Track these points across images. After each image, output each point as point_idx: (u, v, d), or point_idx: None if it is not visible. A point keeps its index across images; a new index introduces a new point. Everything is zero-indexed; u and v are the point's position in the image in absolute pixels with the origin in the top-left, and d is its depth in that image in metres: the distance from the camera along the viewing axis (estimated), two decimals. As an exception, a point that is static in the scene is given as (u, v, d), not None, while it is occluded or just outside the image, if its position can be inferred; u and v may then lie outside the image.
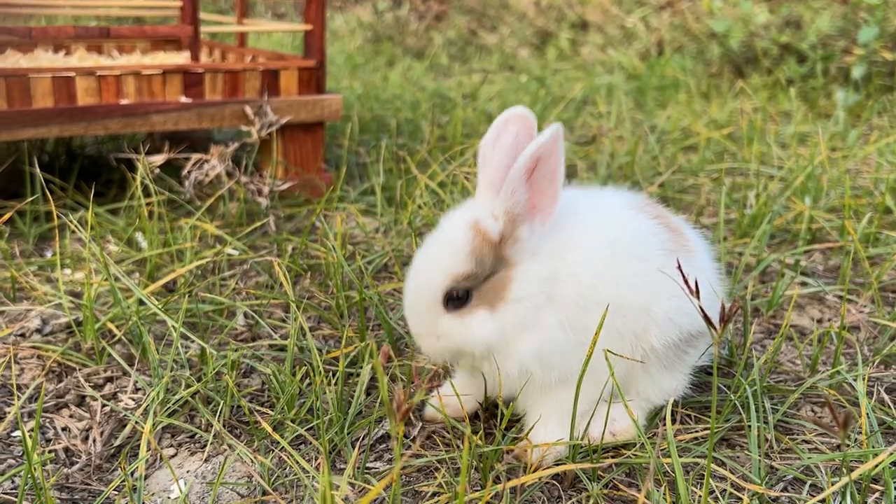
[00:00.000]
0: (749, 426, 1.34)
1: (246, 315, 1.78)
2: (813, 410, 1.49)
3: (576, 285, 1.24)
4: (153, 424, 1.35)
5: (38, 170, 2.11)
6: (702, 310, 1.04)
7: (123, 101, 2.29)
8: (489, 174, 1.26)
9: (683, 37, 5.33)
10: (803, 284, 2.01)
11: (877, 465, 1.22)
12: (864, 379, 1.39)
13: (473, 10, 6.62)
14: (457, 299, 1.22)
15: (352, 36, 6.41)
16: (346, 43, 6.15)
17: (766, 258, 2.05)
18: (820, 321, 1.86)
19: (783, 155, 2.97)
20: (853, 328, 1.81)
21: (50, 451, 1.31)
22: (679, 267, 1.12)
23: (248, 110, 2.43)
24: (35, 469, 1.14)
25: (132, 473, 1.27)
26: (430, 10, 6.67)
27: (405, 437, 1.38)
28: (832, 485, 1.18)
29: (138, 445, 1.35)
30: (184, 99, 2.37)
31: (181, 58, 2.83)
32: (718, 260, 1.53)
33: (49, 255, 2.10)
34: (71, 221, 1.70)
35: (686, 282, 1.08)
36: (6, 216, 1.65)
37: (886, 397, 1.52)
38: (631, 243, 1.30)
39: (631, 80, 4.64)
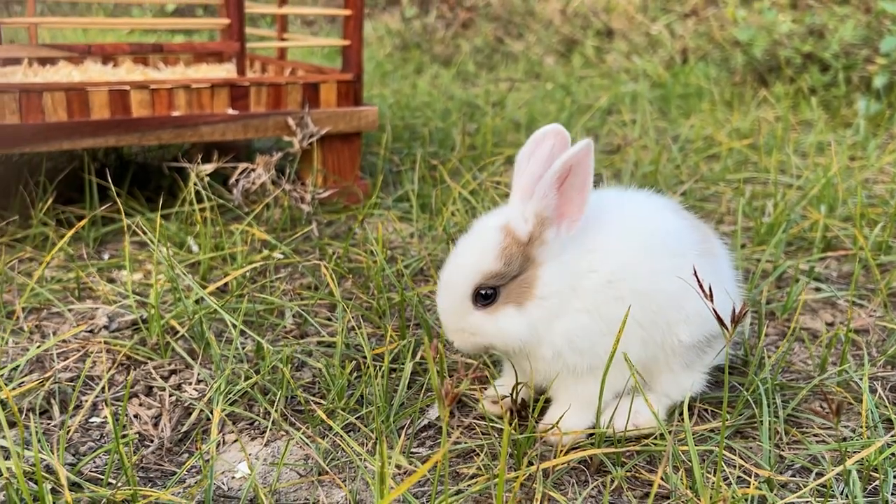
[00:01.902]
0: (761, 420, 1.46)
1: (294, 314, 1.92)
2: (821, 406, 1.60)
3: (607, 275, 1.35)
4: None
5: (107, 179, 2.26)
6: (714, 311, 1.17)
7: (175, 113, 2.45)
8: (523, 182, 1.38)
9: (708, 45, 5.43)
10: (817, 290, 2.12)
11: (881, 453, 1.34)
12: (867, 377, 1.50)
13: (500, 17, 6.75)
14: (485, 297, 1.33)
15: (380, 43, 6.56)
16: (376, 50, 6.30)
17: (781, 264, 2.16)
18: (832, 324, 1.97)
19: (801, 164, 3.07)
20: (863, 331, 1.92)
21: (134, 435, 1.46)
22: (695, 271, 1.25)
23: (291, 121, 2.58)
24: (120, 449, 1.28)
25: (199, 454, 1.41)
26: (457, 17, 6.81)
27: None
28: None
29: (204, 430, 1.50)
30: (231, 111, 2.52)
31: (225, 70, 2.99)
32: (736, 267, 1.65)
33: (106, 257, 2.26)
34: (136, 225, 1.85)
35: (700, 286, 1.20)
36: (80, 224, 1.81)
37: (888, 395, 1.63)
38: (668, 238, 1.42)
39: (655, 89, 4.74)
